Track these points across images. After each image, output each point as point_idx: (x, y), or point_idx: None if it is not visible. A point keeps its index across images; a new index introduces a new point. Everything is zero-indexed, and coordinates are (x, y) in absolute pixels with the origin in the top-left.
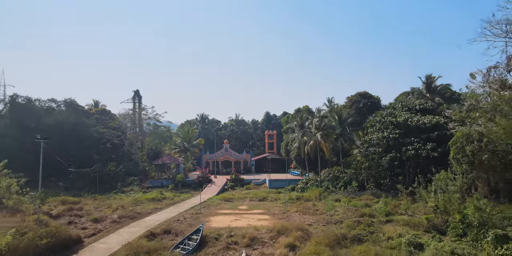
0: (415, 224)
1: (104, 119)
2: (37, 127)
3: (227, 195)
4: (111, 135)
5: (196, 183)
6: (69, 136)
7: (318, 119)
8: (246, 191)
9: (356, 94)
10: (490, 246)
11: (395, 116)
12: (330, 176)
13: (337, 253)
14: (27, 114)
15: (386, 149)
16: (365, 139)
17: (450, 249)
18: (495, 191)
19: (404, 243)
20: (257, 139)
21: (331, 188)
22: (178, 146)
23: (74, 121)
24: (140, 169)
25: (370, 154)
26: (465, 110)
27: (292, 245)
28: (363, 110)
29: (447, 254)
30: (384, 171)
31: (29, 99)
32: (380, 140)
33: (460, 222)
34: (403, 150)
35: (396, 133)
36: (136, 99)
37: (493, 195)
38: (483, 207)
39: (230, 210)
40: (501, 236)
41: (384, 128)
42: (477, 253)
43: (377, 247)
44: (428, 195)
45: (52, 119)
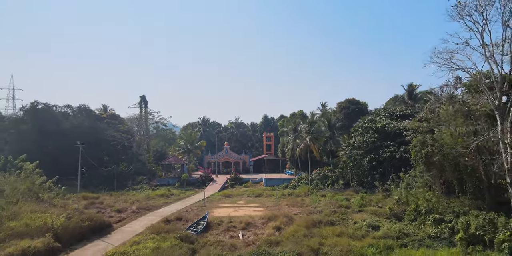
0: (381, 213)
1: (114, 123)
2: (55, 131)
3: (227, 192)
4: (122, 138)
5: (200, 181)
6: (83, 139)
7: (307, 125)
8: (244, 189)
9: (345, 101)
10: (429, 226)
11: (375, 122)
12: (320, 175)
13: (311, 231)
14: (47, 119)
15: (366, 151)
16: (349, 142)
17: (398, 229)
18: (449, 187)
19: (365, 225)
20: (256, 141)
21: (320, 186)
22: (181, 147)
23: (88, 126)
24: (148, 169)
25: (353, 155)
26: (418, 120)
27: (278, 227)
28: (351, 115)
29: (395, 232)
30: (365, 170)
31: (48, 106)
32: (362, 144)
33: (414, 210)
34: (380, 152)
35: (374, 138)
36: (143, 104)
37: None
38: (430, 198)
39: (230, 204)
40: (438, 220)
41: (365, 133)
42: (418, 232)
43: (344, 228)
44: (395, 190)
45: (68, 123)
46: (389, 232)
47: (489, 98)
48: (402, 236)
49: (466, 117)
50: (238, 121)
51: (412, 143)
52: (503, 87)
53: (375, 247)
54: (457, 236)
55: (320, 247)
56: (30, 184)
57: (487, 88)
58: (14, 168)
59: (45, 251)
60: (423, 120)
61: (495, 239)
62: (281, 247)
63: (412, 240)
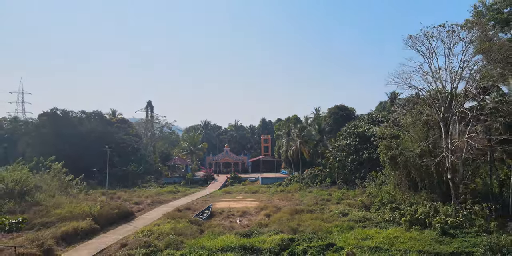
0: (354, 204)
1: (123, 127)
2: (72, 135)
3: (227, 189)
4: (131, 141)
5: (202, 180)
6: (97, 142)
7: (298, 130)
8: (242, 186)
9: (335, 107)
10: (386, 213)
11: (357, 127)
12: (311, 175)
13: (293, 217)
14: (64, 124)
15: (349, 153)
16: (335, 145)
17: (362, 215)
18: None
19: (337, 213)
20: (254, 143)
21: (310, 184)
22: (185, 149)
23: (101, 130)
24: (155, 169)
25: (338, 157)
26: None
27: (268, 214)
28: (339, 120)
29: (359, 217)
30: (349, 170)
31: (65, 112)
32: (345, 146)
33: (379, 202)
34: (361, 154)
35: (356, 141)
36: (149, 108)
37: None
38: (391, 192)
39: (230, 199)
40: (394, 208)
41: (349, 137)
42: (378, 217)
43: (320, 215)
44: (369, 186)
45: (84, 128)
46: (354, 217)
47: (435, 111)
48: (364, 220)
49: (423, 126)
50: (237, 124)
51: (379, 147)
52: (446, 103)
53: (340, 227)
54: (402, 219)
55: (297, 227)
56: (60, 181)
57: (434, 103)
58: (44, 167)
59: (89, 230)
60: (389, 128)
61: (432, 221)
62: (268, 228)
63: (370, 223)
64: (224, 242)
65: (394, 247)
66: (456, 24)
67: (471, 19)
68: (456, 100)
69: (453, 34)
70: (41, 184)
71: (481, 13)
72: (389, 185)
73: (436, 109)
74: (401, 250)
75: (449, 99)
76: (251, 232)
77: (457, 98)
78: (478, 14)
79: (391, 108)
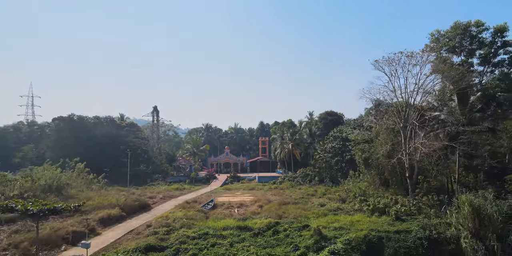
0: (333, 198)
1: (133, 131)
2: (87, 138)
3: (227, 187)
4: (140, 143)
5: (205, 179)
6: (109, 144)
7: (290, 134)
8: (241, 184)
9: (325, 112)
10: (356, 204)
11: (342, 132)
12: (303, 174)
13: (281, 207)
14: (81, 128)
15: (334, 155)
16: (323, 147)
17: (337, 206)
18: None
19: (316, 204)
20: (253, 144)
21: (300, 182)
22: (188, 151)
23: (114, 134)
24: (162, 169)
25: (325, 158)
26: (357, 135)
27: (260, 205)
28: (329, 124)
29: (333, 207)
30: (334, 169)
31: (81, 117)
32: (331, 149)
33: (353, 196)
34: (344, 156)
35: (340, 144)
36: (155, 113)
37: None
38: (362, 187)
39: (229, 194)
40: (362, 200)
41: (334, 140)
42: (349, 208)
43: (302, 205)
44: (347, 183)
45: (98, 132)
46: (330, 207)
47: (397, 121)
48: (337, 209)
49: (390, 132)
50: (237, 127)
51: (354, 150)
52: (405, 115)
53: (316, 214)
54: (366, 207)
55: (283, 214)
56: (84, 179)
57: (396, 115)
58: (69, 167)
59: (118, 216)
60: (360, 134)
61: (390, 210)
62: (260, 215)
63: (342, 211)
64: (225, 224)
65: (354, 228)
66: (412, 52)
67: (430, 44)
68: (412, 112)
69: (410, 59)
70: (70, 181)
71: (437, 39)
72: (363, 182)
73: (398, 120)
74: (358, 229)
75: (407, 111)
76: (246, 218)
77: (412, 110)
78: (435, 40)
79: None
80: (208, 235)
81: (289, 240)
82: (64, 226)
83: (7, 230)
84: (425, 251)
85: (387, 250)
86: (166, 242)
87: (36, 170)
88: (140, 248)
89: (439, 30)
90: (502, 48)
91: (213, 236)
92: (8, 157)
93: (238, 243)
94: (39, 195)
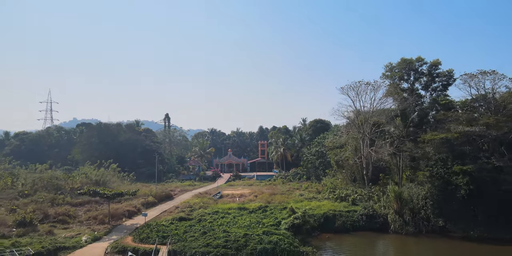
0: (312, 191)
1: (149, 136)
2: (112, 143)
3: (230, 183)
4: (156, 147)
5: (211, 177)
6: (130, 148)
7: (282, 140)
8: (242, 182)
9: (314, 120)
10: (327, 194)
11: (325, 138)
12: (294, 173)
13: (271, 196)
14: (107, 134)
15: (318, 157)
16: (309, 151)
17: (312, 195)
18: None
19: (298, 194)
20: (253, 147)
21: (291, 179)
22: (196, 153)
23: (134, 138)
24: (174, 169)
25: (311, 160)
26: (329, 142)
27: (255, 195)
28: (317, 131)
29: (310, 196)
30: (318, 169)
31: (107, 124)
32: (316, 152)
33: (326, 188)
34: (325, 158)
35: (323, 149)
36: (166, 119)
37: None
38: (333, 182)
39: (232, 189)
40: (332, 191)
41: (318, 145)
42: (321, 197)
43: (287, 195)
44: (326, 180)
45: (121, 137)
46: (307, 196)
47: (358, 133)
48: (312, 198)
49: (354, 141)
50: (239, 131)
51: (328, 154)
52: (362, 129)
53: (295, 200)
54: (331, 196)
55: (271, 201)
56: (117, 176)
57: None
58: (104, 167)
59: (153, 202)
60: (333, 141)
61: (349, 197)
62: (254, 201)
63: (315, 199)
64: (229, 206)
65: (319, 209)
66: (367, 81)
67: (385, 73)
68: (367, 126)
69: (367, 86)
70: (107, 178)
71: (391, 69)
72: (335, 179)
73: (359, 132)
74: (321, 209)
75: (364, 126)
76: (244, 203)
77: (367, 125)
78: (390, 69)
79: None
80: (219, 212)
81: (273, 215)
82: (120, 207)
83: (82, 209)
84: (364, 223)
85: (338, 222)
86: (191, 216)
87: (82, 169)
88: (176, 218)
89: (392, 63)
90: (436, 77)
91: (222, 213)
92: (46, 158)
93: (239, 217)
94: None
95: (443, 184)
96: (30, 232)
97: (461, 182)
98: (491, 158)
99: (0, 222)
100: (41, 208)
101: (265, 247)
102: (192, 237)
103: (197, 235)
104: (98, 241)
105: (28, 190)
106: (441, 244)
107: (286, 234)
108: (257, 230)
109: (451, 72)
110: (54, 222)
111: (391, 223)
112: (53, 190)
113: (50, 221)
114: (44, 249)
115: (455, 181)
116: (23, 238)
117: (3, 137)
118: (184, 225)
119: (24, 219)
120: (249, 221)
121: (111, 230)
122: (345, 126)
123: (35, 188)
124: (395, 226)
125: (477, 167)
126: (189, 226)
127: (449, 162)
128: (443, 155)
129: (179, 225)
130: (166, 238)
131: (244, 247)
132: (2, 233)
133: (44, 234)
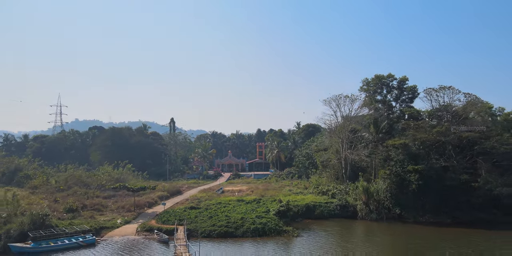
0: (300, 187)
1: (156, 139)
2: (124, 145)
3: (231, 181)
4: (163, 149)
5: (213, 176)
6: (140, 150)
7: (276, 142)
8: (241, 180)
9: (305, 125)
10: (312, 189)
11: (313, 141)
12: (287, 172)
13: (264, 191)
14: (119, 137)
15: (307, 158)
16: (300, 153)
17: (300, 191)
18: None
19: (287, 190)
20: (252, 148)
21: (284, 178)
22: (199, 154)
23: (144, 141)
24: (179, 168)
25: (301, 161)
26: (315, 146)
27: (252, 191)
28: (309, 134)
29: (297, 191)
30: (308, 169)
31: (119, 129)
32: (305, 154)
33: (313, 185)
34: (313, 159)
35: (312, 151)
36: (172, 124)
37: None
38: (318, 179)
39: (232, 186)
40: (317, 187)
41: (307, 147)
42: (306, 192)
43: (279, 190)
44: (313, 178)
45: (132, 140)
46: (295, 191)
47: (339, 138)
48: (299, 193)
49: (335, 144)
50: (238, 133)
51: (314, 156)
52: (342, 134)
53: (284, 194)
54: (315, 190)
55: (264, 194)
56: (133, 175)
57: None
58: (120, 167)
59: (166, 196)
60: (317, 145)
61: (330, 192)
62: (250, 195)
63: (301, 194)
64: (230, 199)
65: (303, 200)
66: (347, 95)
67: (362, 86)
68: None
69: (346, 98)
70: (125, 177)
71: (368, 84)
72: (321, 177)
73: (338, 137)
74: (305, 201)
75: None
76: (242, 197)
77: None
78: (366, 84)
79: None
80: (221, 203)
81: (265, 205)
82: (141, 199)
83: (110, 201)
84: (338, 211)
85: (317, 211)
86: (199, 206)
87: (102, 169)
88: (187, 207)
89: (367, 78)
90: (404, 91)
91: (224, 203)
92: (63, 159)
93: (238, 206)
94: (117, 184)
95: (399, 180)
96: (77, 217)
97: (413, 178)
98: (440, 159)
99: (54, 209)
100: (79, 199)
101: (256, 227)
102: (201, 220)
103: (205, 219)
104: (129, 223)
105: (62, 186)
106: (397, 227)
107: (273, 218)
108: (251, 215)
109: (414, 87)
110: (92, 210)
111: (359, 212)
112: (83, 186)
113: (88, 209)
114: (92, 227)
115: (408, 177)
116: (74, 220)
117: (23, 140)
118: (194, 212)
119: (71, 207)
120: (245, 209)
121: (137, 216)
122: (328, 132)
123: (68, 184)
124: (362, 214)
125: (427, 167)
126: (199, 213)
127: (406, 162)
128: (401, 157)
129: (190, 212)
130: (182, 221)
131: (241, 226)
132: (58, 216)
133: (88, 218)
